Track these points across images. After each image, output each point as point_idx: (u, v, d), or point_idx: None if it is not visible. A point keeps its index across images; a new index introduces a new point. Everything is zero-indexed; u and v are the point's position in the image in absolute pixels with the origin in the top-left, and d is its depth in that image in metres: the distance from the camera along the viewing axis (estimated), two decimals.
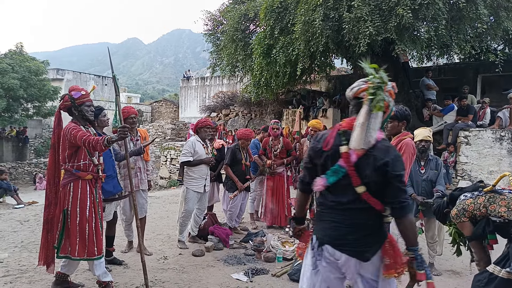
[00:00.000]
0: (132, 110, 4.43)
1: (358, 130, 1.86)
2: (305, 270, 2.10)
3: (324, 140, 2.01)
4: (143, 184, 4.49)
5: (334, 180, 1.93)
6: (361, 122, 1.85)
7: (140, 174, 4.46)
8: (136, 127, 4.51)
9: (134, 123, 4.39)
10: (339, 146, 1.94)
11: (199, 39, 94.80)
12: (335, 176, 1.93)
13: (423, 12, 7.82)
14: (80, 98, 3.22)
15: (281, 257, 4.41)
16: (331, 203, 2.00)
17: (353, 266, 1.93)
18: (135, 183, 4.38)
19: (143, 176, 4.50)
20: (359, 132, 1.86)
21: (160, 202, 8.14)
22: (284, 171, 6.10)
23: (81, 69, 47.34)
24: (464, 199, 2.76)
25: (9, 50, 21.71)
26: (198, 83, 26.94)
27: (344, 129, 1.99)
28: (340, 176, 1.92)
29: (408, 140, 3.29)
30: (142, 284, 3.54)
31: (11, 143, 22.66)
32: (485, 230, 2.58)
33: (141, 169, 4.47)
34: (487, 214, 2.59)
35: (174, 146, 14.34)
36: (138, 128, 4.67)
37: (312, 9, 8.73)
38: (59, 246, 3.15)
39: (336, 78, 16.02)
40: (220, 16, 14.97)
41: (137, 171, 4.42)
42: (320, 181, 1.98)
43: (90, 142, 2.99)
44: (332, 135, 1.99)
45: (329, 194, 2.01)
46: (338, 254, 1.94)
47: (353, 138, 1.88)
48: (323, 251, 1.98)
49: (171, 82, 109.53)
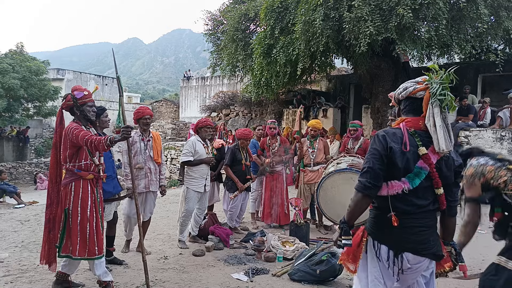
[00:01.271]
0: (147, 111, 4.46)
1: (440, 132, 1.86)
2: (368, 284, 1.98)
3: (399, 140, 1.91)
4: (152, 185, 4.46)
5: (418, 183, 1.88)
6: (439, 124, 1.86)
7: (150, 175, 4.43)
8: (149, 128, 4.53)
9: (148, 124, 4.43)
10: (417, 148, 1.91)
11: (199, 39, 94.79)
12: (418, 179, 1.88)
13: (423, 12, 7.82)
14: (83, 98, 3.23)
15: (282, 257, 4.41)
16: (411, 207, 1.91)
17: (423, 268, 1.95)
18: (145, 184, 4.39)
19: (154, 177, 4.47)
20: (442, 133, 1.85)
21: (160, 201, 8.14)
22: (282, 169, 6.12)
23: (81, 69, 47.38)
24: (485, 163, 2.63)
25: (9, 50, 21.72)
26: (198, 83, 26.94)
27: (414, 129, 1.95)
28: (422, 178, 1.89)
29: None
30: (142, 283, 3.55)
31: (12, 143, 22.65)
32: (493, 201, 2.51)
33: (151, 170, 4.44)
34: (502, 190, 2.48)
35: (174, 146, 14.35)
36: (152, 131, 4.67)
37: (312, 9, 8.73)
38: (60, 246, 3.15)
39: (337, 78, 16.02)
40: (221, 16, 14.99)
41: (147, 171, 4.41)
42: (401, 184, 1.88)
43: (93, 142, 2.99)
44: (406, 135, 1.92)
45: (408, 197, 1.90)
46: (419, 259, 1.90)
47: (439, 141, 1.86)
48: (401, 259, 1.90)
49: (171, 82, 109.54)
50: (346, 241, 1.96)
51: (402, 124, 1.97)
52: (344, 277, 3.92)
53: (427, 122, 1.89)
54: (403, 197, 1.89)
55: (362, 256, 1.99)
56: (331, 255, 3.79)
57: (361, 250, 1.98)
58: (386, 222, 1.90)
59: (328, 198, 3.57)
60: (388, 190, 1.90)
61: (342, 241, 1.96)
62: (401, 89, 2.02)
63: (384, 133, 1.96)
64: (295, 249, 4.51)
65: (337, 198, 3.49)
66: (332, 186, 3.60)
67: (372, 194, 1.93)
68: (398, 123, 2.01)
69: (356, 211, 1.99)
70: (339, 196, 3.48)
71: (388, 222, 1.89)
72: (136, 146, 4.36)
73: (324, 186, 3.59)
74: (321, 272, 3.72)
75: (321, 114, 13.76)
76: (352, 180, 3.41)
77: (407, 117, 1.99)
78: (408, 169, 1.89)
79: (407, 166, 1.89)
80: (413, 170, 1.89)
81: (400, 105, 2.08)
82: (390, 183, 1.90)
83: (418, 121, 1.95)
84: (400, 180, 1.89)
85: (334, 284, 3.79)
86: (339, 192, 3.51)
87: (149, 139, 4.48)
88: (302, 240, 4.84)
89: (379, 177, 1.90)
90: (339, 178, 3.52)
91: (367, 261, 1.99)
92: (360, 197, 1.95)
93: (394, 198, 1.90)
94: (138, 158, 4.36)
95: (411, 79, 2.04)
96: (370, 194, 1.93)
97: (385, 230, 1.94)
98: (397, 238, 1.91)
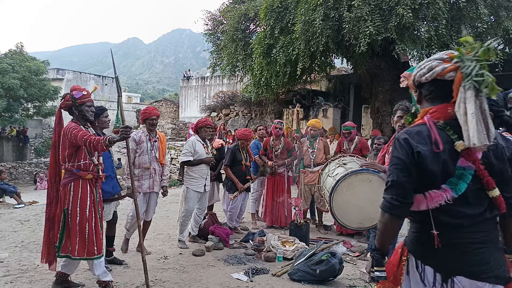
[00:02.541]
0: (154, 111, 4.47)
1: (472, 121, 1.44)
2: None
3: (427, 140, 1.51)
4: (156, 186, 4.47)
5: (465, 187, 1.48)
6: (472, 112, 1.45)
7: (155, 176, 4.44)
8: (156, 129, 4.53)
9: (155, 125, 4.44)
10: (452, 144, 1.50)
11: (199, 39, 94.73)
12: (464, 182, 1.48)
13: (423, 12, 7.83)
14: (81, 98, 3.23)
15: (281, 257, 4.41)
16: (460, 220, 1.50)
17: None
18: (149, 185, 4.39)
19: (157, 178, 4.48)
20: (475, 123, 1.44)
21: (160, 201, 8.12)
22: (285, 171, 6.10)
23: (81, 69, 47.39)
24: None
25: (9, 50, 21.72)
26: (198, 83, 26.94)
27: (444, 120, 1.54)
28: (468, 180, 1.48)
29: None
30: (142, 283, 3.54)
31: (12, 143, 22.65)
32: None
33: (156, 170, 4.45)
34: None
35: (174, 145, 14.35)
36: (158, 132, 4.66)
37: (312, 8, 8.73)
38: (59, 246, 3.15)
39: (336, 77, 16.02)
40: (220, 16, 15.00)
41: (151, 172, 4.41)
42: (442, 193, 1.49)
43: (91, 142, 2.99)
44: (434, 131, 1.51)
45: (454, 207, 1.49)
46: (476, 284, 1.48)
47: (470, 133, 1.45)
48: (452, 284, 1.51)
49: (171, 82, 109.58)
50: (379, 273, 1.61)
51: (427, 117, 1.56)
52: (344, 277, 3.92)
53: (457, 110, 1.49)
54: (448, 208, 1.49)
55: (404, 278, 1.62)
56: (331, 255, 3.80)
57: (401, 272, 1.63)
58: (430, 238, 1.53)
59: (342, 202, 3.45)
60: (428, 203, 1.52)
61: (374, 273, 1.62)
62: (424, 69, 1.60)
63: (406, 135, 1.55)
64: (295, 249, 4.51)
65: (353, 201, 3.38)
66: (347, 188, 3.47)
67: (401, 214, 1.57)
68: (422, 117, 1.60)
69: (386, 235, 1.63)
70: (355, 199, 3.37)
71: (432, 239, 1.52)
72: (143, 146, 4.37)
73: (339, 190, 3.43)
74: (321, 272, 3.72)
75: (321, 114, 13.77)
76: (369, 181, 3.31)
77: (433, 105, 1.58)
78: (448, 172, 1.49)
79: (445, 169, 1.49)
80: (455, 173, 1.49)
81: (421, 90, 1.64)
82: (428, 194, 1.52)
83: (447, 108, 1.54)
84: (440, 188, 1.50)
85: (334, 284, 3.79)
86: (355, 195, 3.40)
87: (155, 139, 4.48)
88: (302, 240, 4.84)
89: (407, 192, 1.53)
90: (356, 179, 3.41)
91: (410, 284, 1.61)
92: (388, 218, 1.57)
93: (437, 211, 1.51)
94: (144, 157, 4.36)
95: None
96: (399, 214, 1.57)
97: (429, 247, 1.53)
98: (445, 258, 1.52)
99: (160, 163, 4.52)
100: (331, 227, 5.98)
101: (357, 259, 4.59)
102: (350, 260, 4.50)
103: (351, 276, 3.99)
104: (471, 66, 1.49)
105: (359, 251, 4.81)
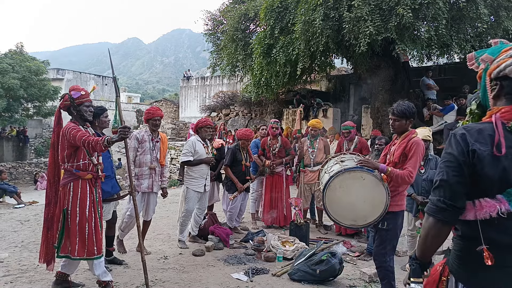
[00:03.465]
0: (158, 112, 4.48)
1: None
2: None
3: (488, 140, 1.32)
4: (155, 186, 4.47)
5: None
6: None
7: (154, 176, 4.44)
8: (158, 129, 4.53)
9: (157, 125, 4.44)
10: None
11: (199, 39, 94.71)
12: None
13: (423, 12, 7.83)
14: (79, 98, 3.22)
15: (281, 257, 4.41)
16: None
17: None
18: (148, 185, 4.39)
19: (157, 178, 4.48)
20: None
21: (160, 201, 8.13)
22: (283, 170, 6.11)
23: (81, 69, 47.39)
24: None
25: (9, 50, 21.70)
26: (198, 83, 26.95)
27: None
28: None
29: (418, 139, 3.13)
30: (142, 283, 3.54)
31: (12, 143, 22.66)
32: None
33: (156, 171, 4.45)
34: None
35: (174, 146, 14.35)
36: (161, 132, 4.66)
37: (312, 8, 8.73)
38: (59, 246, 3.15)
39: (336, 77, 16.02)
40: (220, 16, 15.01)
41: (151, 172, 4.41)
42: (496, 204, 1.29)
43: (90, 143, 2.98)
44: (499, 131, 1.31)
45: (508, 223, 1.30)
46: None
47: None
48: None
49: (171, 82, 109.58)
50: (415, 284, 1.46)
51: (495, 116, 1.35)
52: (344, 277, 3.92)
53: None
54: (500, 223, 1.29)
55: None
56: (331, 255, 3.80)
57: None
58: (476, 258, 1.32)
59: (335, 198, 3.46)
60: (476, 212, 1.33)
61: (410, 284, 1.47)
62: (508, 61, 1.35)
63: (465, 131, 1.36)
64: (295, 249, 4.52)
65: (345, 199, 3.37)
66: (340, 185, 3.47)
67: (450, 219, 1.37)
68: (491, 115, 1.39)
69: (430, 244, 1.44)
70: (348, 197, 3.36)
71: (479, 259, 1.30)
72: (145, 145, 4.37)
73: (332, 186, 3.45)
74: (321, 272, 3.72)
75: (321, 114, 13.76)
76: (362, 179, 3.31)
77: (507, 105, 1.36)
78: (507, 181, 1.30)
79: (504, 177, 1.30)
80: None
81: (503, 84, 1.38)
82: (478, 203, 1.33)
83: None
84: (495, 197, 1.30)
85: (334, 284, 3.79)
86: (348, 193, 3.39)
87: (157, 140, 4.49)
88: (302, 240, 4.84)
89: (457, 194, 1.34)
90: (349, 177, 3.40)
91: None
92: (433, 223, 1.39)
93: (487, 224, 1.31)
94: (146, 157, 4.37)
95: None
96: (448, 220, 1.37)
97: (475, 269, 1.35)
98: (492, 282, 1.32)
99: (160, 164, 4.52)
100: (331, 227, 5.98)
101: (357, 259, 4.60)
102: (350, 260, 4.50)
103: (351, 276, 3.99)
104: None
105: (359, 251, 4.81)
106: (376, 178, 3.15)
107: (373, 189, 3.18)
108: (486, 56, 1.44)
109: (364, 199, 3.23)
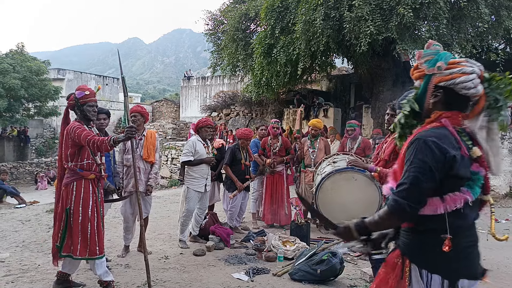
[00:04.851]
0: (133, 108, 4.38)
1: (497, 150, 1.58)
2: None
3: (454, 143, 1.49)
4: (141, 185, 4.30)
5: (479, 192, 1.53)
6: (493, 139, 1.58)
7: (139, 175, 4.26)
8: (142, 127, 4.40)
9: (135, 122, 4.30)
10: (470, 150, 1.51)
11: (200, 39, 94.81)
12: (478, 186, 1.52)
13: (424, 11, 7.83)
14: (83, 98, 3.23)
15: (282, 257, 4.41)
16: (465, 221, 1.53)
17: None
18: (133, 184, 4.32)
19: (143, 177, 4.35)
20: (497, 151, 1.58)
21: (161, 201, 8.15)
22: (283, 169, 6.12)
23: (82, 69, 47.36)
24: None
25: (10, 50, 21.75)
26: (199, 83, 26.94)
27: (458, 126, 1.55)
28: (480, 185, 1.53)
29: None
30: (143, 283, 3.55)
31: (12, 143, 22.69)
32: None
33: (141, 169, 4.32)
34: None
35: (175, 145, 14.35)
36: (149, 130, 4.58)
37: (313, 8, 8.73)
38: (61, 245, 3.16)
39: (337, 77, 16.02)
40: (221, 15, 15.02)
41: (136, 171, 4.35)
42: (464, 196, 1.48)
43: (95, 142, 2.99)
44: (457, 136, 1.51)
45: (464, 211, 1.50)
46: (473, 284, 1.53)
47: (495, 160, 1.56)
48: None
49: (172, 82, 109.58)
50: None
51: (445, 121, 1.53)
52: (345, 276, 3.92)
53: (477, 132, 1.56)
54: (459, 211, 1.49)
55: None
56: (332, 255, 3.79)
57: (405, 285, 1.54)
58: (438, 245, 1.47)
59: (327, 200, 3.46)
60: (447, 205, 1.48)
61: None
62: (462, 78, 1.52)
63: (434, 138, 1.47)
64: (296, 248, 4.51)
65: (337, 199, 3.38)
66: (332, 187, 3.48)
67: (408, 219, 1.54)
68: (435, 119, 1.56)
69: (383, 228, 1.65)
70: (340, 198, 3.37)
71: (441, 245, 1.47)
72: (127, 145, 4.28)
73: (324, 188, 3.46)
74: (321, 272, 3.71)
75: (321, 114, 13.76)
76: (353, 180, 3.32)
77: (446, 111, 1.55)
78: (467, 176, 1.52)
79: (467, 173, 1.52)
80: (473, 177, 1.52)
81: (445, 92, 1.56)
82: (448, 197, 1.48)
83: (459, 116, 1.55)
84: (459, 190, 1.49)
85: (335, 284, 3.79)
86: (340, 194, 3.40)
87: (141, 137, 4.38)
88: (303, 240, 4.84)
89: (424, 198, 1.48)
90: (340, 178, 3.41)
91: None
92: (393, 219, 1.55)
93: (452, 215, 1.49)
94: (128, 156, 4.29)
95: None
96: (407, 219, 1.54)
97: (437, 254, 1.50)
98: (454, 263, 1.50)
99: (146, 161, 4.39)
100: None
101: (358, 259, 4.59)
102: (351, 260, 4.49)
103: (352, 276, 3.99)
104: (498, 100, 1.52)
105: (360, 251, 4.80)
106: (367, 177, 3.14)
107: (365, 189, 3.17)
108: (442, 64, 1.52)
109: (356, 200, 3.23)
